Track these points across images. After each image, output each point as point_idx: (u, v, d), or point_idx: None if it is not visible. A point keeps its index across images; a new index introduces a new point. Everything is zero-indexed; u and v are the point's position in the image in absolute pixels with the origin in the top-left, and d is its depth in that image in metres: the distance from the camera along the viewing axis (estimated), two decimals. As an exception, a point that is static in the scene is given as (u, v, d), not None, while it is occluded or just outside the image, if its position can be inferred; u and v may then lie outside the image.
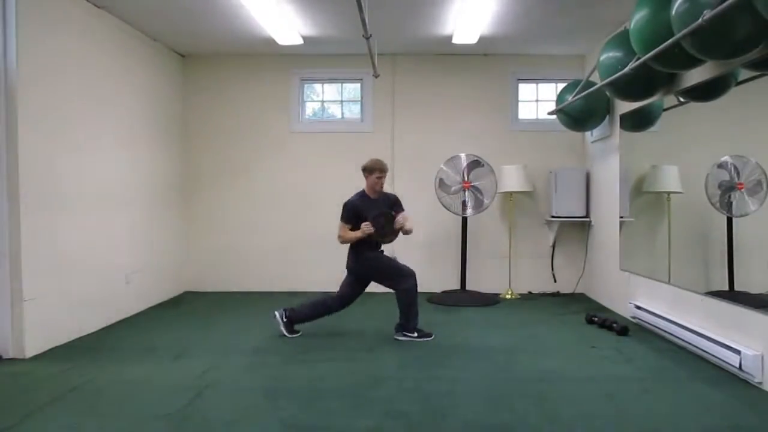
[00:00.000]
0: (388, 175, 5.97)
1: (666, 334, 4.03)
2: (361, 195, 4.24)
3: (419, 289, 4.15)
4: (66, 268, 4.05)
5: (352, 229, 4.10)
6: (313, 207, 6.07)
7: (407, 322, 4.11)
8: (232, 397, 2.96)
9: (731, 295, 3.47)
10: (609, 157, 5.28)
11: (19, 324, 3.62)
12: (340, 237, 4.15)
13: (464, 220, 5.72)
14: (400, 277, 4.11)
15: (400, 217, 4.11)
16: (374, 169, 4.18)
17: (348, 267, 4.24)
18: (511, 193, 5.87)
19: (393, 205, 4.25)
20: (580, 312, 4.97)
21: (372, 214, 4.07)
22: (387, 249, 4.35)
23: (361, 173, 4.27)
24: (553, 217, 5.87)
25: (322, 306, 4.25)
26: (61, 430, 2.57)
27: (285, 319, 4.19)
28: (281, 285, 6.00)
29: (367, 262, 4.17)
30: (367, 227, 4.02)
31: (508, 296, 5.85)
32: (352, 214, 4.12)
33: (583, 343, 4.04)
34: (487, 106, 6.08)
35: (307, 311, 4.24)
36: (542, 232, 6.12)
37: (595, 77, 4.37)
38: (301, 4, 4.54)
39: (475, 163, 5.63)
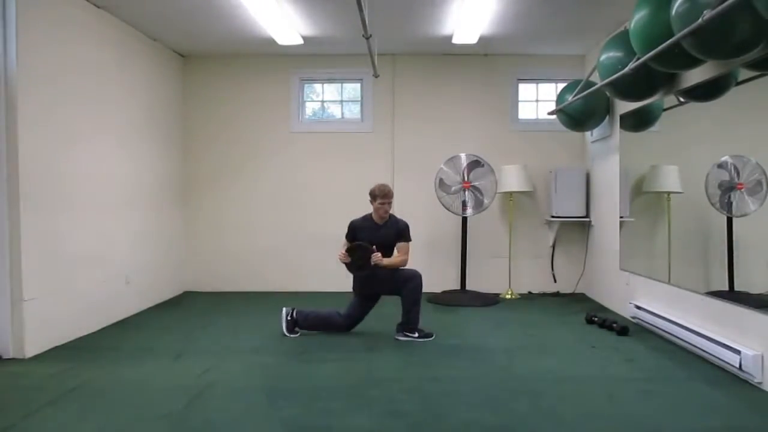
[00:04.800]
0: (389, 174, 6.06)
1: (666, 334, 4.03)
2: (368, 217, 4.23)
3: (420, 289, 4.15)
4: (66, 268, 4.05)
5: None
6: (313, 207, 6.07)
7: (408, 322, 4.10)
8: (232, 397, 2.96)
9: (731, 295, 3.47)
10: (609, 157, 5.28)
11: (19, 324, 3.62)
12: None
13: (464, 220, 5.72)
14: (403, 281, 4.09)
15: (375, 256, 3.96)
16: (376, 196, 4.12)
17: (353, 288, 4.24)
18: (511, 193, 5.87)
19: (398, 233, 4.16)
20: (580, 312, 4.97)
21: (355, 241, 4.07)
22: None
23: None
24: (553, 217, 5.87)
25: (329, 322, 4.23)
26: (61, 430, 2.56)
27: (289, 318, 4.19)
28: (281, 285, 6.00)
29: (365, 278, 4.14)
30: (341, 257, 4.01)
31: (508, 296, 5.85)
32: (350, 233, 4.18)
33: (583, 343, 4.04)
34: (487, 106, 6.08)
35: (314, 321, 4.23)
36: (542, 232, 6.12)
37: (595, 77, 4.37)
38: (301, 4, 4.53)
39: (475, 163, 5.63)
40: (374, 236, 4.12)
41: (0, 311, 3.61)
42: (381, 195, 4.11)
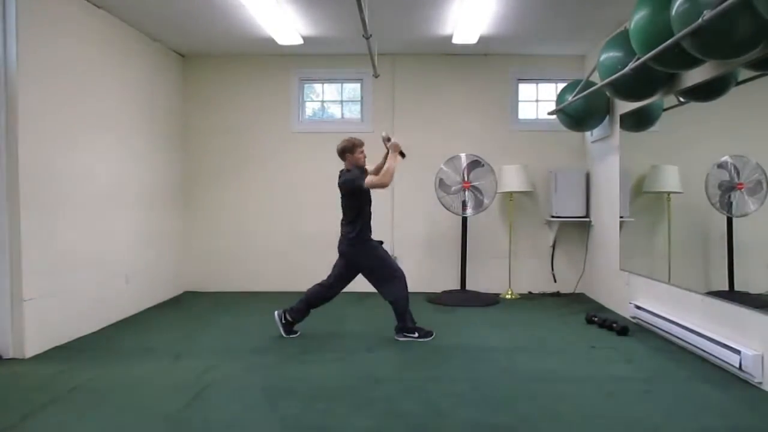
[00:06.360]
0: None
1: (666, 334, 4.03)
2: (349, 170, 4.20)
3: (418, 290, 4.14)
4: (66, 268, 4.05)
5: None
6: (313, 207, 6.07)
7: (404, 327, 4.12)
8: (232, 397, 2.96)
9: (731, 295, 3.47)
10: (609, 157, 5.28)
11: (19, 324, 3.63)
12: (385, 177, 4.02)
13: (464, 220, 5.72)
14: (390, 279, 4.08)
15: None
16: (357, 145, 4.19)
17: (343, 251, 4.17)
18: (511, 193, 5.87)
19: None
20: (580, 312, 4.97)
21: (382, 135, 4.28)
22: (386, 249, 4.34)
23: None
24: (553, 217, 5.87)
25: (316, 298, 4.22)
26: (61, 430, 2.57)
27: (284, 321, 4.19)
28: (281, 285, 5.99)
29: (369, 246, 4.13)
30: (398, 145, 4.18)
31: (508, 296, 5.85)
32: (363, 174, 4.12)
33: (583, 343, 4.04)
34: (487, 106, 6.08)
35: (305, 308, 4.22)
36: (542, 232, 6.12)
37: (595, 77, 4.37)
38: (301, 4, 4.54)
39: (475, 163, 5.63)
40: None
41: (0, 311, 3.61)
42: (361, 142, 4.23)
